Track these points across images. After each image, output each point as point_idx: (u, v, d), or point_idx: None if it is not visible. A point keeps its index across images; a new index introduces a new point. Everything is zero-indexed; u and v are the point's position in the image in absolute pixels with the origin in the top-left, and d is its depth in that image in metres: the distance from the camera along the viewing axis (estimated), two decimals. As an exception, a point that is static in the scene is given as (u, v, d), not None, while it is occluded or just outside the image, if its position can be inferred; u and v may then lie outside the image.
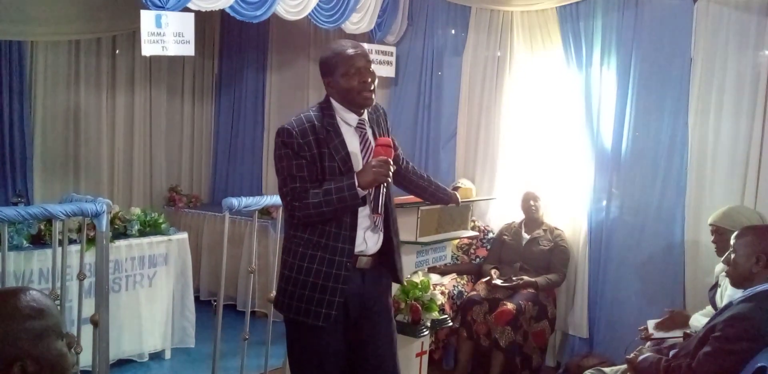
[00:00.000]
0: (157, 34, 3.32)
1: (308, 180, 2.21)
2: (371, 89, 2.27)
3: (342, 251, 2.24)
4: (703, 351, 2.22)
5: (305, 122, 2.24)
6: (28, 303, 1.25)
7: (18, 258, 3.34)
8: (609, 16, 3.90)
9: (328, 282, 2.23)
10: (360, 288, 2.32)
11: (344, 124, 2.29)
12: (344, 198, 2.17)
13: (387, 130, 2.46)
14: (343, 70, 2.23)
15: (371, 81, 2.27)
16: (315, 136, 2.23)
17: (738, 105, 3.54)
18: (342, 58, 2.24)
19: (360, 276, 2.33)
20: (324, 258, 2.24)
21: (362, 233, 2.29)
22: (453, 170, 4.51)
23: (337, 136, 2.26)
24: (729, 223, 3.02)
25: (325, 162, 2.23)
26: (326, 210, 2.18)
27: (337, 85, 2.26)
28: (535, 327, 3.84)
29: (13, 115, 4.72)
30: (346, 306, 2.29)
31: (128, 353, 3.87)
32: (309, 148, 2.22)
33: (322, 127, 2.25)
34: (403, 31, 4.66)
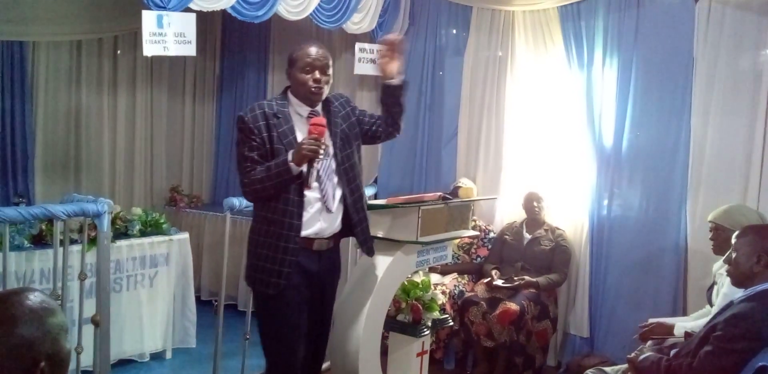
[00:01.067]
0: (159, 35, 3.32)
1: (257, 160, 2.49)
2: (321, 87, 2.56)
3: (290, 226, 2.49)
4: (703, 350, 2.21)
5: (258, 109, 2.55)
6: (41, 303, 1.25)
7: (19, 258, 3.34)
8: (610, 16, 3.90)
9: (277, 253, 2.50)
10: (317, 269, 2.60)
11: (296, 114, 2.58)
12: (280, 173, 2.43)
13: (353, 114, 2.71)
14: (302, 64, 2.54)
15: (323, 80, 2.55)
16: (266, 121, 2.52)
17: (739, 104, 3.54)
18: (303, 54, 2.55)
19: (317, 258, 2.59)
20: (274, 232, 2.50)
21: (317, 214, 2.55)
22: (454, 170, 4.51)
23: (286, 123, 2.54)
24: (728, 222, 3.02)
25: (273, 144, 2.50)
26: (268, 185, 2.46)
27: (295, 77, 2.56)
28: (537, 326, 3.84)
29: (15, 115, 4.72)
30: (304, 280, 2.56)
31: (129, 353, 3.87)
32: (259, 131, 2.51)
33: (273, 113, 2.54)
34: (405, 31, 4.65)
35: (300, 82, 2.55)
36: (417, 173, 4.63)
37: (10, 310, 1.22)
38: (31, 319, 1.21)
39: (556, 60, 4.12)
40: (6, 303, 1.23)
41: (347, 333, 2.81)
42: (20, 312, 1.21)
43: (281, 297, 2.53)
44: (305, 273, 2.56)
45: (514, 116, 4.33)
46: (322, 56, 2.57)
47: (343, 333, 2.83)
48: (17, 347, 1.19)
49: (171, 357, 4.06)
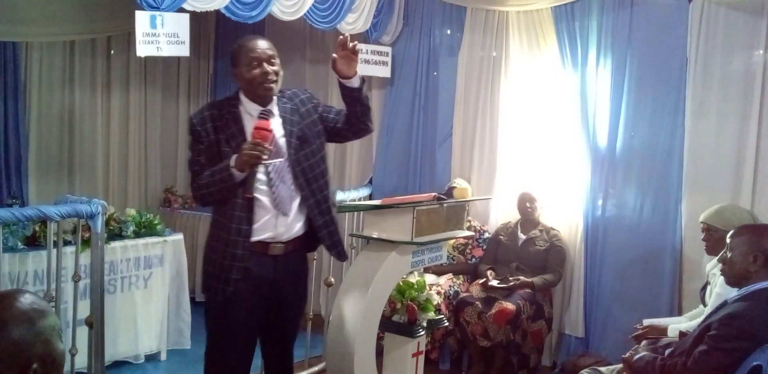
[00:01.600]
0: (152, 35, 3.31)
1: (205, 164, 2.40)
2: (272, 80, 2.41)
3: (237, 231, 2.39)
4: (698, 349, 2.22)
5: (206, 111, 2.46)
6: (31, 305, 1.24)
7: (13, 259, 3.32)
8: (604, 16, 3.90)
9: (224, 259, 2.40)
10: (272, 274, 2.47)
11: (246, 114, 2.44)
12: (223, 179, 2.33)
13: (315, 111, 2.55)
14: (246, 61, 2.39)
15: (273, 72, 2.40)
16: (213, 124, 2.41)
17: (733, 104, 3.55)
18: (245, 50, 2.41)
19: (272, 263, 2.47)
20: (223, 237, 2.41)
21: (272, 219, 2.43)
22: (449, 170, 4.52)
23: (236, 124, 2.41)
24: (720, 222, 3.03)
25: (222, 147, 2.39)
26: (213, 190, 2.37)
27: (241, 76, 2.42)
28: (532, 326, 3.84)
29: (8, 116, 4.70)
30: (256, 287, 2.44)
31: (124, 354, 3.85)
32: (207, 134, 2.41)
33: (221, 114, 2.42)
34: (399, 32, 4.66)
35: (249, 79, 2.41)
36: (412, 173, 4.63)
37: (2, 313, 1.21)
38: (21, 322, 1.21)
39: (550, 60, 4.12)
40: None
41: (342, 334, 2.81)
42: (10, 315, 1.21)
43: (228, 304, 2.43)
44: (258, 280, 2.44)
45: (508, 116, 4.34)
46: (266, 48, 2.43)
47: (339, 334, 2.82)
48: (7, 350, 1.18)
49: (166, 358, 4.05)
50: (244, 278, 2.41)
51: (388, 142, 4.74)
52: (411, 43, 4.62)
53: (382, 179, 4.73)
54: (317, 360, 4.02)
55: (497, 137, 4.37)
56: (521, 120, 4.30)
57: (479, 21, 4.37)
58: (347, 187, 4.76)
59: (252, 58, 2.39)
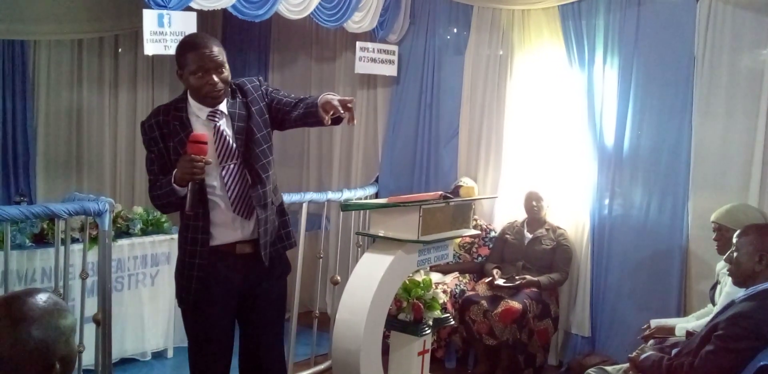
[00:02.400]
0: (160, 34, 3.32)
1: (159, 172, 2.30)
2: (219, 89, 2.25)
3: (194, 241, 2.32)
4: (705, 349, 2.22)
5: (154, 117, 2.32)
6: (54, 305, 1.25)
7: (21, 257, 3.34)
8: (611, 15, 3.89)
9: (184, 268, 2.36)
10: (242, 274, 2.38)
11: (195, 117, 2.31)
12: (168, 194, 2.24)
13: (263, 99, 2.39)
14: (192, 68, 2.22)
15: (219, 81, 2.24)
16: (160, 131, 2.29)
17: (741, 103, 3.53)
18: (191, 57, 2.22)
19: (241, 264, 2.38)
20: (183, 247, 2.37)
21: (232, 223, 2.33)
22: (455, 169, 4.51)
23: (183, 130, 2.27)
24: (731, 222, 3.01)
25: (172, 155, 2.28)
26: (164, 203, 2.29)
27: (187, 82, 2.26)
28: (538, 325, 3.84)
29: (16, 114, 4.73)
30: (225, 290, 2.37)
31: (131, 352, 3.87)
32: (155, 142, 2.30)
33: (167, 121, 2.29)
34: (405, 30, 4.65)
35: (195, 87, 2.25)
36: (418, 172, 4.63)
37: (28, 313, 1.21)
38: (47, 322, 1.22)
39: (556, 59, 4.11)
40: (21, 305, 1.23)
41: (348, 332, 2.81)
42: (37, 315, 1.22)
43: (194, 310, 2.39)
44: (224, 283, 2.37)
45: (515, 115, 4.33)
46: (214, 55, 2.23)
47: (345, 332, 2.83)
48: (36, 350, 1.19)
49: (172, 355, 4.06)
50: (210, 284, 2.35)
51: (394, 140, 4.74)
52: (417, 42, 4.62)
53: (389, 178, 4.73)
54: (323, 357, 4.03)
55: (503, 136, 4.36)
56: (528, 119, 4.29)
57: (486, 19, 4.36)
58: (353, 185, 4.77)
59: (198, 67, 2.21)
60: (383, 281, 2.82)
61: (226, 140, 2.30)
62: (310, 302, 4.50)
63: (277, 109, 2.40)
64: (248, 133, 2.33)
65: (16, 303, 1.23)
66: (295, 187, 5.01)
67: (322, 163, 5.13)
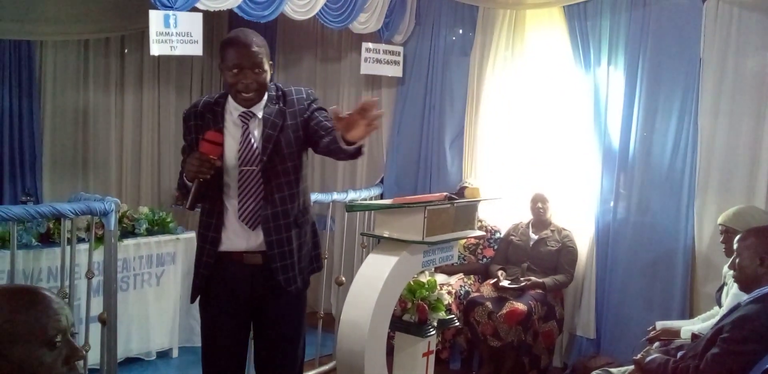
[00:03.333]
0: (166, 34, 3.33)
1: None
2: (252, 90, 2.16)
3: (204, 238, 2.30)
4: (710, 352, 2.21)
5: (194, 106, 2.30)
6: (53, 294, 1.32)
7: (27, 256, 3.35)
8: (617, 16, 3.88)
9: (196, 265, 2.34)
10: (248, 285, 2.30)
11: (229, 114, 2.26)
12: (179, 185, 2.26)
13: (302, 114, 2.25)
14: (228, 64, 2.16)
15: (253, 82, 2.15)
16: (195, 122, 2.27)
17: (747, 105, 3.52)
18: (230, 53, 2.15)
19: (249, 273, 2.29)
20: (198, 243, 2.34)
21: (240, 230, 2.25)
22: (460, 170, 4.51)
23: (215, 124, 2.23)
24: (738, 224, 3.00)
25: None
26: (182, 192, 2.27)
27: (225, 77, 2.21)
28: (543, 327, 3.83)
29: (23, 114, 4.74)
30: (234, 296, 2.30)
31: (136, 351, 3.88)
32: (189, 132, 2.29)
33: (203, 113, 2.26)
34: (411, 31, 4.65)
35: (229, 84, 2.18)
36: (423, 173, 4.63)
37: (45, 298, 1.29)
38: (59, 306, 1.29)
39: (562, 60, 4.11)
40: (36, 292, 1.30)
41: (353, 332, 2.81)
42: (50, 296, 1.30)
43: (206, 307, 2.36)
44: (231, 289, 2.30)
45: (520, 116, 4.32)
46: (252, 53, 2.14)
47: (349, 333, 2.83)
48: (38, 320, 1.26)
49: (177, 355, 4.07)
50: (215, 286, 2.30)
51: (399, 141, 4.74)
52: (423, 43, 4.62)
53: (394, 178, 4.73)
54: (328, 358, 4.03)
55: (509, 137, 4.36)
56: (533, 120, 4.28)
57: (491, 20, 4.36)
58: (358, 186, 4.77)
59: (234, 64, 2.14)
60: (388, 282, 2.82)
61: (250, 144, 2.22)
62: (314, 303, 4.48)
63: (314, 131, 2.26)
64: (276, 144, 2.22)
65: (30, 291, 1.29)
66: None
67: (327, 164, 5.13)
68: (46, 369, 1.27)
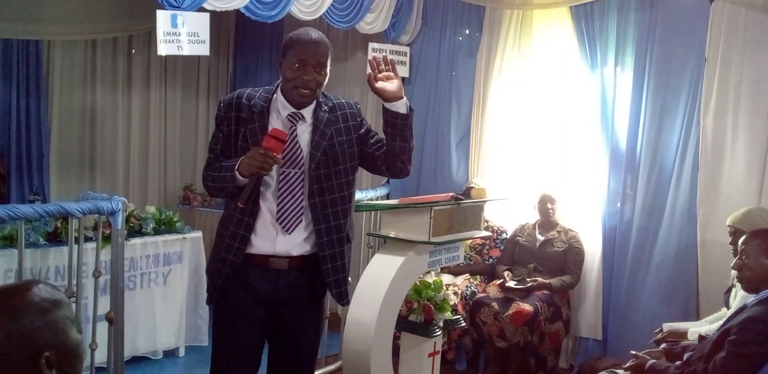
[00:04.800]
0: (173, 34, 3.34)
1: (221, 153, 2.21)
2: (310, 88, 2.12)
3: (234, 236, 2.20)
4: (718, 355, 2.20)
5: (237, 97, 2.21)
6: (41, 296, 1.27)
7: (34, 255, 3.37)
8: (624, 16, 3.88)
9: (216, 263, 2.25)
10: (273, 289, 2.22)
11: (276, 112, 2.20)
12: (225, 179, 2.14)
13: (357, 130, 2.26)
14: (292, 57, 2.11)
15: (313, 80, 2.12)
16: (237, 113, 2.19)
17: (754, 105, 3.52)
18: (296, 48, 2.11)
19: (273, 277, 2.22)
20: (223, 239, 2.23)
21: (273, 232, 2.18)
22: (466, 170, 4.51)
23: (260, 120, 2.17)
24: (748, 225, 2.98)
25: (240, 141, 2.18)
26: (216, 186, 2.20)
27: (284, 70, 2.15)
28: (549, 328, 3.83)
29: (30, 113, 4.77)
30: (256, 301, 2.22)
31: (143, 350, 3.89)
32: (228, 123, 2.20)
33: (249, 105, 2.19)
34: (417, 31, 4.65)
35: (287, 77, 2.14)
36: (429, 173, 4.63)
37: (12, 301, 1.24)
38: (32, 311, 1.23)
39: (569, 60, 4.10)
40: (9, 294, 1.25)
41: (359, 332, 2.81)
42: (21, 303, 1.23)
43: (219, 307, 2.27)
44: (253, 292, 2.22)
45: (527, 117, 4.31)
46: (320, 53, 2.12)
47: (355, 333, 2.83)
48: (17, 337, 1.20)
49: (184, 354, 4.08)
50: (237, 287, 2.21)
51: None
52: (429, 43, 4.62)
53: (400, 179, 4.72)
54: (334, 358, 4.03)
55: (515, 137, 4.35)
56: (540, 120, 4.27)
57: (498, 21, 4.36)
58: (364, 186, 4.77)
59: (299, 59, 2.10)
60: (394, 282, 2.82)
61: (297, 145, 2.18)
62: (320, 302, 4.50)
63: (374, 147, 2.29)
64: (325, 154, 2.19)
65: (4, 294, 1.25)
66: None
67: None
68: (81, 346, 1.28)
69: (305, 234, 2.22)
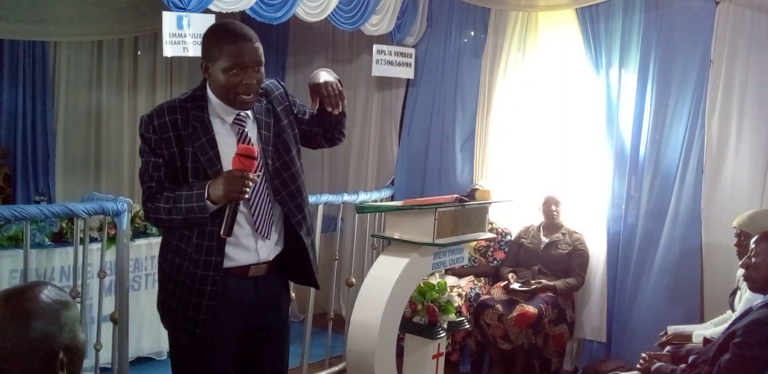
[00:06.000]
0: (179, 36, 3.35)
1: (165, 180, 1.97)
2: (254, 91, 1.94)
3: (207, 264, 1.97)
4: (723, 358, 2.19)
5: (167, 114, 1.95)
6: (53, 298, 1.27)
7: (40, 255, 3.38)
8: (629, 18, 3.87)
9: (191, 296, 2.00)
10: (252, 297, 2.09)
11: (218, 119, 1.98)
12: (192, 209, 1.89)
13: (291, 111, 2.14)
14: (225, 64, 1.88)
15: (255, 82, 1.92)
16: (177, 132, 1.93)
17: (759, 107, 3.51)
18: (228, 50, 1.87)
19: (252, 285, 2.08)
20: (187, 269, 1.99)
21: (252, 243, 2.04)
22: (471, 172, 4.51)
23: (205, 134, 1.94)
24: (753, 228, 2.97)
25: (187, 162, 1.94)
26: (176, 218, 1.93)
27: (216, 77, 1.92)
28: (553, 330, 3.82)
29: (36, 114, 4.78)
30: (232, 318, 2.06)
31: (147, 351, 3.90)
32: (167, 145, 1.94)
33: (187, 121, 1.94)
34: (422, 33, 4.65)
35: (225, 86, 1.91)
36: (434, 175, 4.62)
37: (26, 304, 1.24)
38: (46, 313, 1.24)
39: (574, 62, 4.10)
40: (21, 297, 1.26)
41: (363, 334, 2.81)
42: (36, 306, 1.24)
43: (200, 343, 2.04)
44: (235, 308, 2.06)
45: (531, 118, 4.31)
46: (256, 50, 1.90)
47: (359, 335, 2.83)
48: (35, 341, 1.21)
49: (187, 355, 4.08)
50: (220, 311, 2.03)
51: (410, 143, 4.74)
52: (434, 45, 4.62)
53: (404, 180, 4.73)
54: (338, 359, 4.04)
55: (520, 139, 4.34)
56: (544, 122, 4.27)
57: (503, 22, 4.35)
58: (368, 187, 4.78)
59: (235, 64, 1.88)
60: (398, 283, 2.82)
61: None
62: (325, 304, 4.50)
63: (310, 124, 2.20)
64: (275, 145, 2.05)
65: (16, 297, 1.26)
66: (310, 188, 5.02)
67: (338, 165, 5.14)
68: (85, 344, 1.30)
69: (277, 236, 2.11)
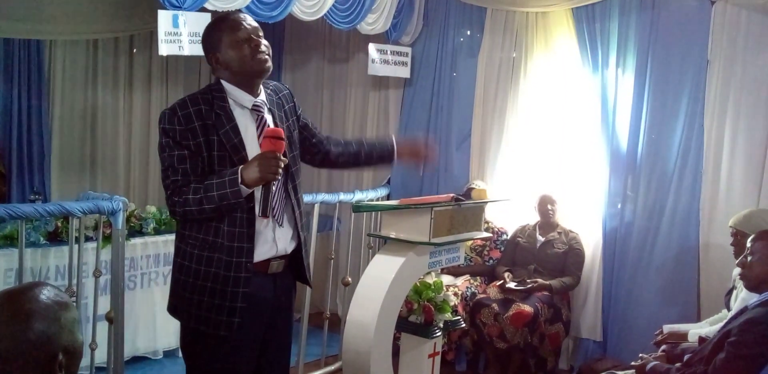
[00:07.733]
0: (174, 34, 3.34)
1: (191, 172, 1.98)
2: (267, 53, 2.03)
3: (239, 251, 2.00)
4: (718, 357, 2.20)
5: (191, 105, 2.00)
6: (54, 298, 1.27)
7: (35, 254, 3.37)
8: (625, 18, 3.88)
9: (226, 286, 2.01)
10: (272, 295, 2.13)
11: (237, 107, 2.05)
12: (226, 196, 1.91)
13: (294, 112, 2.23)
14: (230, 38, 2.00)
15: (265, 47, 2.03)
16: (202, 122, 1.99)
17: (755, 107, 3.51)
18: (226, 27, 2.02)
19: (271, 282, 2.12)
20: (218, 260, 2.01)
21: (269, 231, 2.06)
22: (467, 171, 4.51)
23: (229, 121, 2.01)
24: (749, 227, 2.98)
25: (213, 151, 1.99)
26: (207, 208, 1.94)
27: (227, 57, 2.01)
28: (549, 329, 3.82)
29: (32, 113, 4.77)
30: (258, 313, 2.08)
31: (143, 350, 3.89)
32: (194, 135, 1.98)
33: (210, 110, 2.00)
34: (419, 32, 4.65)
35: (238, 58, 2.00)
36: (430, 174, 4.62)
37: (27, 305, 1.24)
38: (46, 314, 1.24)
39: (570, 62, 4.10)
40: (21, 298, 1.25)
41: (359, 333, 2.81)
42: (36, 307, 1.24)
43: (231, 336, 2.05)
44: (259, 303, 2.09)
45: (527, 118, 4.32)
46: (252, 22, 2.05)
47: (355, 334, 2.83)
48: (36, 342, 1.21)
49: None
50: (250, 303, 2.04)
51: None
52: (431, 44, 4.62)
53: (401, 179, 4.73)
54: (334, 358, 4.04)
55: (516, 139, 4.35)
56: (541, 121, 4.27)
57: (499, 22, 4.35)
58: (365, 186, 4.77)
59: (241, 38, 2.00)
60: (394, 283, 2.82)
61: None
62: (321, 303, 4.50)
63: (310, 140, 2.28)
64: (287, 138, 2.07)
65: (16, 298, 1.25)
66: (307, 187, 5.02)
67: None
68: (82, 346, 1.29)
69: (291, 229, 2.14)
